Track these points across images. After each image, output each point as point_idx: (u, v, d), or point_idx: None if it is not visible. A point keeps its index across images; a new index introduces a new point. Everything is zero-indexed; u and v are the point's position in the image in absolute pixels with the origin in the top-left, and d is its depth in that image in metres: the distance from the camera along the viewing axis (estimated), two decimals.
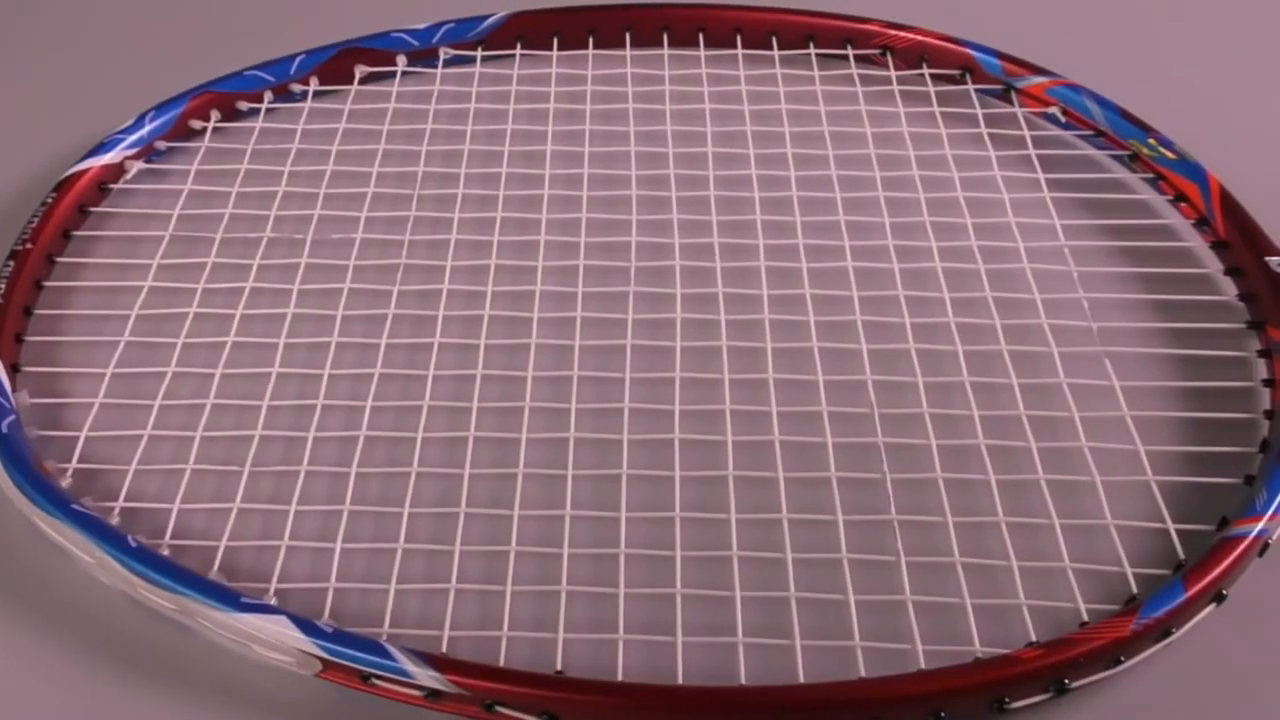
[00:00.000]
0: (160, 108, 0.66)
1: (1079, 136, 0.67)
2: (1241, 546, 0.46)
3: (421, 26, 0.71)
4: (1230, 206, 0.60)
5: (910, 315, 0.57)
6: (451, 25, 0.72)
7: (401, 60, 0.71)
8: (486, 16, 0.72)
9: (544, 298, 0.58)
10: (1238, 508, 0.48)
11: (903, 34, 0.71)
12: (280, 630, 0.43)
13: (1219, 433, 0.52)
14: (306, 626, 0.43)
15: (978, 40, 0.70)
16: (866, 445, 0.52)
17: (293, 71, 0.69)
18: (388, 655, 0.43)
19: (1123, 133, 0.65)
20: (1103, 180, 0.65)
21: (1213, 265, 0.60)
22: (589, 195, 0.63)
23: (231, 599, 0.44)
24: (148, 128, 0.65)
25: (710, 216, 0.62)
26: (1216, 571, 0.45)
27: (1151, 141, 0.64)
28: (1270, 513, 0.47)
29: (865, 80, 0.69)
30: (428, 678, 0.42)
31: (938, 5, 0.74)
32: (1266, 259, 0.57)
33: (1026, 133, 0.66)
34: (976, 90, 0.69)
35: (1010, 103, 0.68)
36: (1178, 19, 0.77)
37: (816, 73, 0.70)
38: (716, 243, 0.60)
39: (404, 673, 0.42)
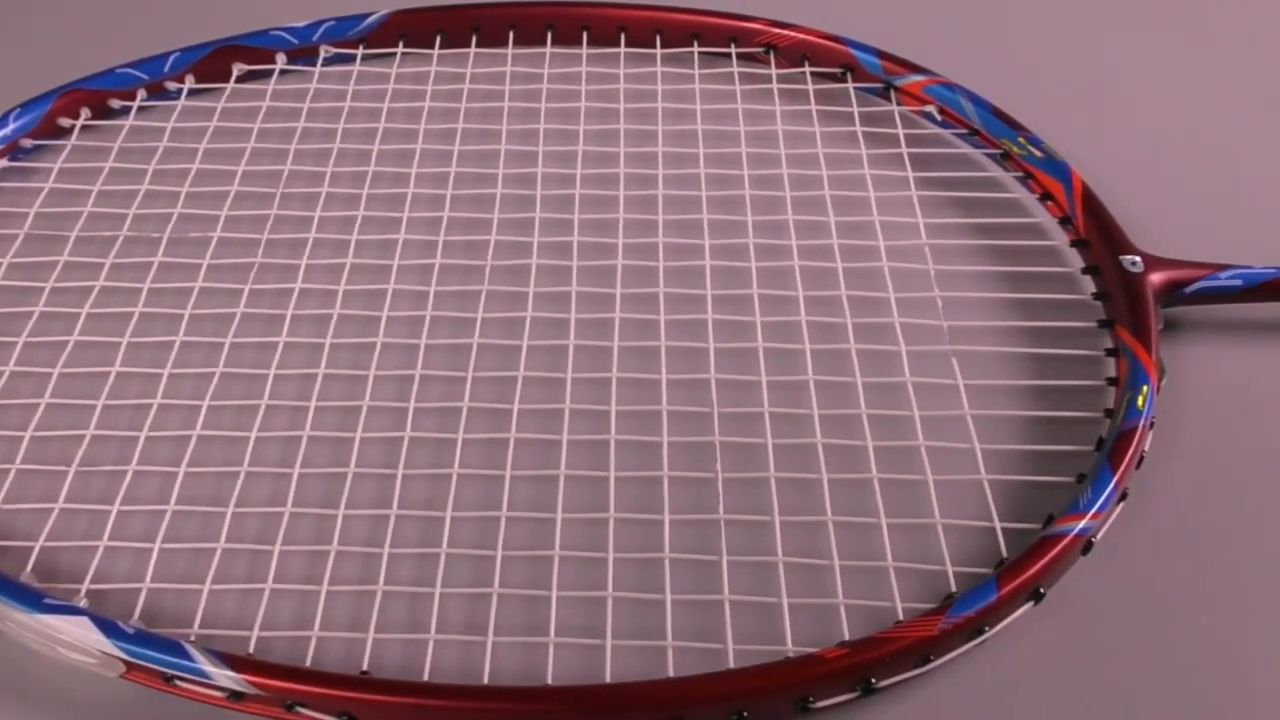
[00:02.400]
0: (26, 105, 0.65)
1: (956, 135, 0.67)
2: (1060, 545, 0.45)
3: (301, 24, 0.71)
4: (1091, 205, 0.60)
5: (763, 314, 0.56)
6: (332, 23, 0.71)
7: (281, 58, 0.70)
8: (368, 14, 0.71)
9: (396, 296, 0.57)
10: (1065, 506, 0.48)
11: (786, 32, 0.70)
12: (81, 631, 0.43)
13: (1060, 431, 0.52)
14: (108, 627, 0.43)
15: (863, 39, 0.70)
16: (703, 444, 0.51)
17: (167, 69, 0.68)
18: (187, 656, 0.42)
19: (995, 131, 0.65)
20: (976, 179, 0.64)
21: (1075, 264, 0.60)
22: (453, 194, 0.63)
23: (34, 600, 0.44)
24: (12, 125, 0.64)
25: (573, 215, 0.61)
26: (1032, 570, 0.45)
27: (1021, 140, 0.64)
28: (1093, 511, 0.47)
29: (747, 79, 0.69)
30: (225, 678, 0.42)
31: (824, 4, 0.74)
32: (1121, 258, 0.57)
33: (901, 131, 0.66)
34: (857, 89, 0.69)
35: (890, 101, 0.68)
36: (1060, 18, 0.77)
37: (697, 71, 0.70)
38: (576, 241, 0.60)
39: (203, 674, 0.42)
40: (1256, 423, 0.54)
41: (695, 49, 0.71)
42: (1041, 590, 0.45)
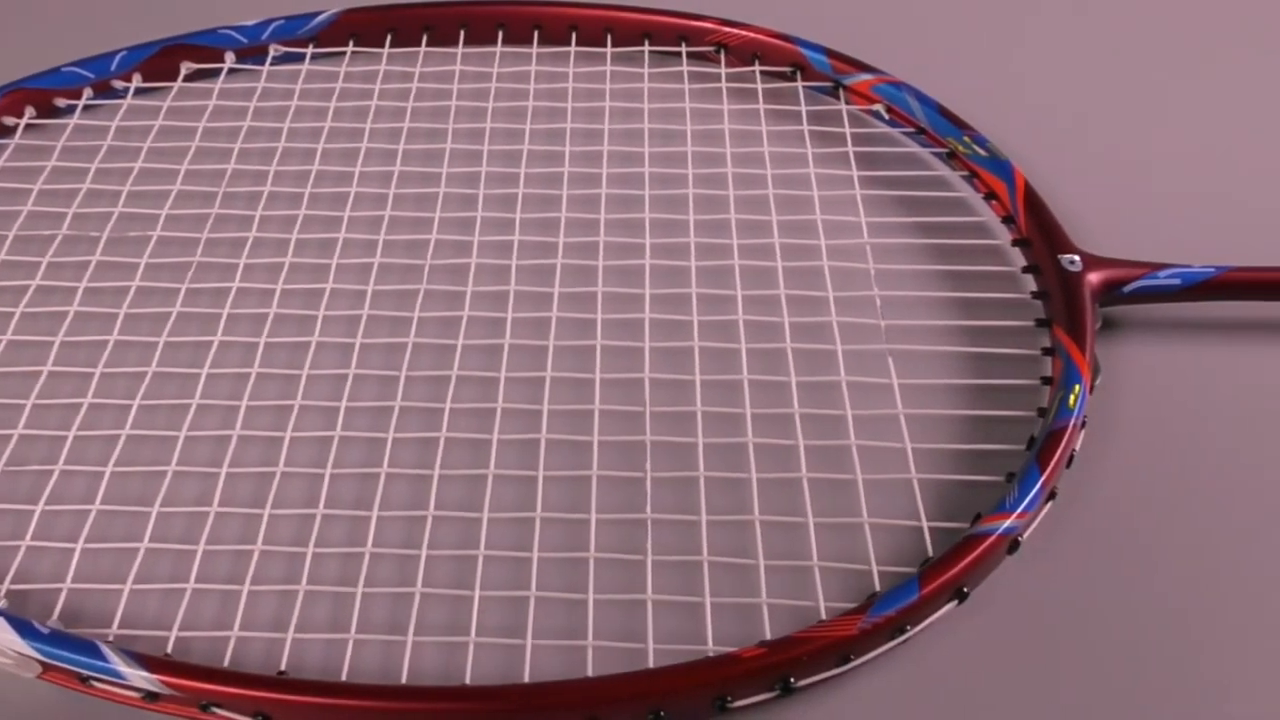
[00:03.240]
0: None
1: (904, 134, 0.67)
2: (984, 544, 0.45)
3: (251, 23, 0.70)
4: (1033, 203, 0.60)
5: (700, 313, 0.56)
6: (281, 22, 0.71)
7: (230, 57, 0.70)
8: (318, 13, 0.71)
9: (334, 295, 0.57)
10: (992, 505, 0.47)
11: (737, 31, 0.70)
12: None
13: (994, 430, 0.52)
14: (22, 628, 0.43)
15: (813, 38, 0.70)
16: (634, 444, 0.51)
17: (114, 68, 0.68)
18: (102, 656, 0.42)
19: (941, 130, 0.65)
20: (921, 178, 0.64)
21: (1016, 262, 0.59)
22: (396, 193, 0.62)
23: None
24: None
25: (515, 214, 0.61)
26: (955, 569, 0.45)
27: (966, 139, 0.64)
28: (1019, 510, 0.46)
29: (697, 78, 0.69)
30: (139, 679, 0.42)
31: (775, 3, 0.74)
32: (1060, 257, 0.57)
33: (848, 130, 0.66)
34: (806, 88, 0.69)
35: (839, 100, 0.68)
36: (1007, 19, 0.77)
37: (647, 70, 0.70)
38: (516, 240, 0.60)
39: (118, 674, 0.42)
40: (1190, 423, 0.54)
41: (646, 48, 0.71)
42: (965, 589, 0.45)
